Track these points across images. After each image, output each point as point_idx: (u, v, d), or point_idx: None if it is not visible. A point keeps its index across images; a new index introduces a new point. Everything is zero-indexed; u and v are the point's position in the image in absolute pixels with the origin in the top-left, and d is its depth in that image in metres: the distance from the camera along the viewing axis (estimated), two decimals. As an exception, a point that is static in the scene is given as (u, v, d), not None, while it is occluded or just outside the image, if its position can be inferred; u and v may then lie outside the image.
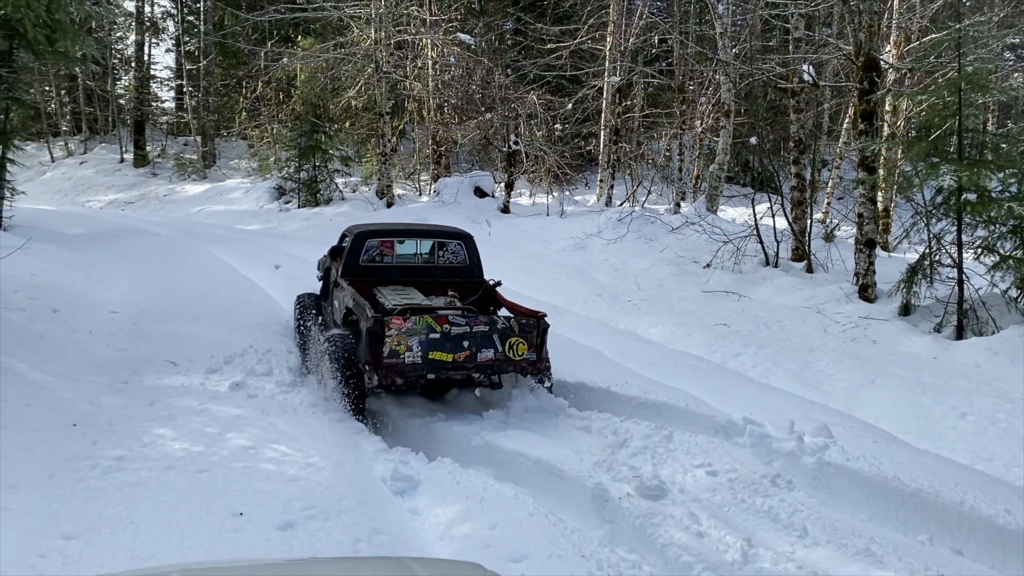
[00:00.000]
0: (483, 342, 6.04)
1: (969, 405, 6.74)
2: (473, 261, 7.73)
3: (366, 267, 7.43)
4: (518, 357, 6.13)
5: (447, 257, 7.74)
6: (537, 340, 6.21)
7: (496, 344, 6.07)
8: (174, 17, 34.61)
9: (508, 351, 6.10)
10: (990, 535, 4.33)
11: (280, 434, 5.35)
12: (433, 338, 5.91)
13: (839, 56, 14.19)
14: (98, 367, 6.95)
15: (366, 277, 7.36)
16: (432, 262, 7.71)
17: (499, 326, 6.10)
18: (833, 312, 9.83)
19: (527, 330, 6.18)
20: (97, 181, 28.88)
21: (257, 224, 20.75)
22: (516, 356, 6.12)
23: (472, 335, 6.00)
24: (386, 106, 20.78)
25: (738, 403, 6.37)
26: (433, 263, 7.70)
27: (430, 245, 7.78)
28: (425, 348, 5.90)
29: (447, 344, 5.94)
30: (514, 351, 6.12)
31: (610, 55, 19.68)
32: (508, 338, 6.10)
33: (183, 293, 9.95)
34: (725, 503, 4.75)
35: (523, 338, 6.15)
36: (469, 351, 6.00)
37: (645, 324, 9.72)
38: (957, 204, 9.01)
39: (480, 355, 6.03)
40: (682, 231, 14.21)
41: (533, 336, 6.20)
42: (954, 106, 9.32)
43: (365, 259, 7.43)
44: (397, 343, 5.84)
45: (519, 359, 6.14)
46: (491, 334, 6.07)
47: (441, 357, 5.94)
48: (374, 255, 7.51)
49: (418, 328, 5.88)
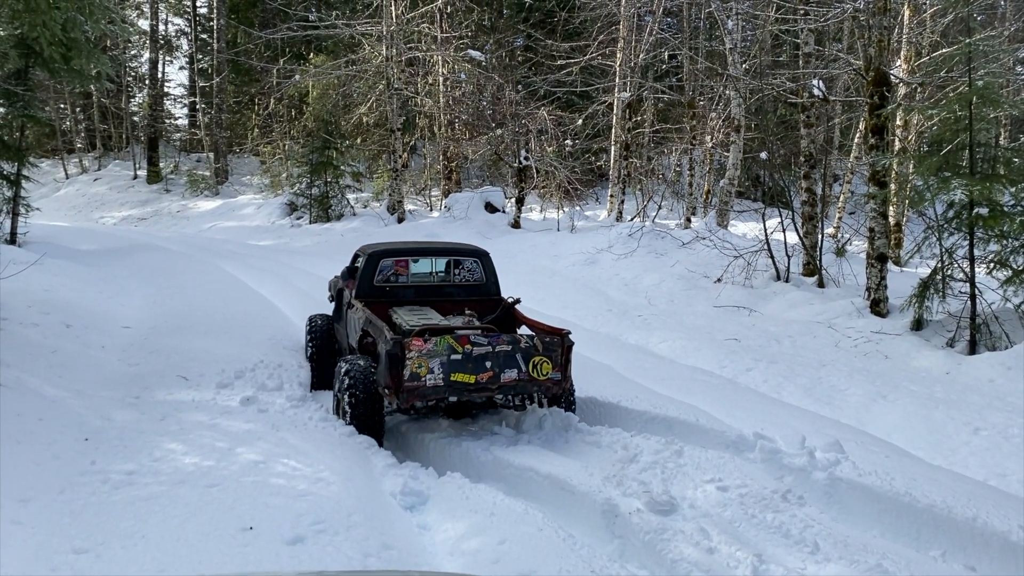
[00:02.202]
0: (506, 362, 5.88)
1: (982, 420, 6.68)
2: (490, 279, 7.61)
3: (380, 287, 7.30)
4: (542, 377, 5.98)
5: (463, 275, 7.61)
6: (562, 359, 6.04)
7: (519, 364, 5.91)
8: (188, 35, 35.00)
9: (532, 371, 5.94)
10: (1004, 551, 4.28)
11: (290, 449, 5.36)
12: (455, 359, 5.75)
13: (849, 71, 14.19)
14: (110, 382, 6.99)
15: (381, 298, 7.24)
16: (448, 280, 7.59)
17: (522, 345, 5.93)
18: (845, 327, 9.79)
19: (551, 348, 6.01)
20: (111, 197, 29.14)
21: (269, 240, 20.87)
22: (540, 376, 5.97)
23: (495, 355, 5.84)
24: (397, 122, 20.91)
25: (749, 418, 6.34)
26: (449, 281, 7.58)
27: (445, 263, 7.65)
28: (447, 370, 5.73)
29: (469, 365, 5.78)
30: (538, 371, 5.96)
31: (620, 71, 19.76)
32: (532, 357, 5.94)
33: (194, 308, 10.01)
34: (736, 519, 4.72)
35: (547, 357, 5.99)
36: (492, 372, 5.84)
37: (655, 339, 9.70)
38: (969, 218, 8.97)
39: (503, 375, 5.87)
40: (692, 246, 14.20)
41: (558, 355, 6.03)
42: (965, 120, 9.30)
43: (380, 279, 7.31)
44: (418, 365, 5.66)
45: (543, 379, 5.98)
46: (514, 353, 5.90)
47: (463, 379, 5.78)
48: (388, 275, 7.38)
49: (439, 349, 5.71)
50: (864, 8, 10.69)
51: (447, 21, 22.62)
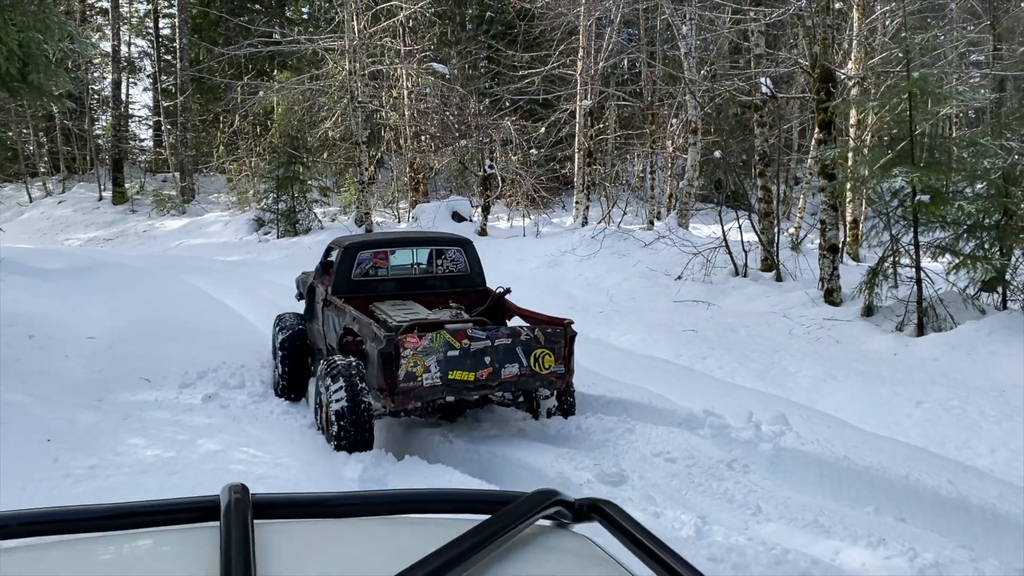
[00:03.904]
0: (506, 357, 5.51)
1: (925, 395, 6.94)
2: (474, 268, 7.29)
3: (359, 282, 6.89)
4: (545, 371, 5.62)
5: (446, 265, 7.26)
6: (565, 350, 5.70)
7: (520, 358, 5.55)
8: (151, 56, 34.93)
9: (534, 365, 5.58)
10: (934, 504, 4.51)
11: (250, 438, 5.48)
12: (452, 356, 5.38)
13: (796, 69, 14.59)
14: (73, 388, 7.05)
15: (360, 293, 6.82)
16: (431, 272, 7.24)
17: (523, 337, 5.58)
18: (799, 316, 10.06)
19: (553, 340, 5.66)
20: (76, 219, 28.93)
21: (236, 255, 20.87)
22: (543, 370, 5.61)
23: (494, 349, 5.48)
24: (362, 135, 21.05)
25: (701, 399, 6.54)
26: (432, 273, 7.23)
27: (427, 254, 7.30)
28: (444, 368, 5.37)
29: (467, 361, 5.41)
30: (540, 364, 5.60)
31: (581, 79, 20.09)
32: (533, 350, 5.58)
33: (159, 318, 10.07)
34: (682, 487, 4.92)
35: (549, 349, 5.63)
36: (492, 368, 5.48)
37: (616, 333, 9.90)
38: (913, 205, 9.31)
39: (504, 371, 5.51)
40: (654, 246, 14.46)
41: (560, 346, 5.68)
42: (906, 113, 9.66)
43: (358, 273, 6.90)
44: (413, 364, 5.29)
45: (546, 372, 5.63)
46: (515, 347, 5.54)
47: (462, 376, 5.41)
48: (367, 268, 6.99)
49: (435, 346, 5.34)
50: (807, 7, 11.04)
51: (410, 35, 22.85)
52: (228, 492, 1.24)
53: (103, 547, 1.20)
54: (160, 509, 1.28)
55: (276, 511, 1.30)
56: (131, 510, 1.26)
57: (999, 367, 7.70)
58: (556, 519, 1.42)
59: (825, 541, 4.14)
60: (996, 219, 9.47)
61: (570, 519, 1.42)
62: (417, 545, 1.12)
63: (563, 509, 1.40)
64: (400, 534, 1.28)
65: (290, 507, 1.32)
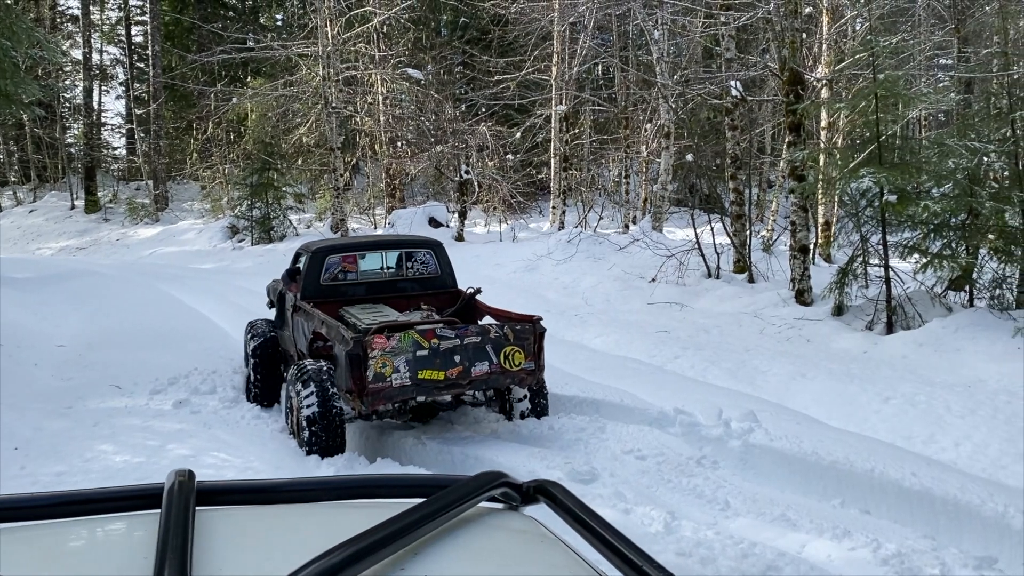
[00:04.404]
0: (476, 355, 5.52)
1: (892, 391, 7.03)
2: (445, 270, 7.27)
3: (328, 287, 6.85)
4: (515, 368, 5.63)
5: (416, 268, 7.23)
6: (535, 347, 5.73)
7: (491, 356, 5.56)
8: (123, 64, 34.64)
9: (504, 362, 5.59)
10: (898, 496, 4.58)
11: (221, 443, 5.46)
12: (421, 355, 5.36)
13: (766, 72, 14.75)
14: (42, 396, 6.98)
15: (329, 298, 6.77)
16: (401, 275, 7.20)
17: (492, 335, 5.60)
18: (770, 316, 10.17)
19: (523, 336, 5.68)
20: (47, 229, 28.60)
21: (210, 263, 20.73)
22: (513, 367, 5.62)
23: (464, 348, 5.48)
24: (337, 141, 21.01)
25: (672, 398, 6.58)
26: (402, 276, 7.20)
27: (396, 257, 7.28)
28: (414, 367, 5.35)
29: (437, 360, 5.40)
30: (511, 361, 5.61)
31: (555, 84, 20.18)
32: (503, 347, 5.59)
33: (131, 326, 9.98)
34: (653, 484, 4.96)
35: (519, 346, 5.65)
36: (462, 366, 5.47)
37: (590, 335, 9.95)
38: (880, 205, 9.45)
39: (474, 369, 5.51)
40: (629, 250, 14.54)
41: (530, 343, 5.71)
42: (874, 115, 9.81)
43: (326, 278, 6.85)
44: (382, 364, 5.26)
45: (516, 369, 5.64)
46: (484, 345, 5.55)
47: (432, 376, 5.40)
48: (336, 273, 6.94)
49: (403, 346, 5.32)
50: (776, 11, 11.19)
51: (384, 40, 22.84)
52: (173, 478, 1.25)
53: (43, 534, 1.20)
54: (103, 497, 1.28)
55: (222, 498, 1.31)
56: (73, 498, 1.26)
57: (965, 363, 7.83)
58: (505, 501, 1.44)
59: (792, 534, 4.20)
60: (962, 219, 9.65)
61: (518, 501, 1.44)
62: (362, 528, 1.13)
63: (511, 491, 1.42)
64: (346, 518, 1.29)
65: (236, 493, 1.33)
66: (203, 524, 1.17)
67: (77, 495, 1.27)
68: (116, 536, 1.24)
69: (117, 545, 1.22)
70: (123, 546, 1.19)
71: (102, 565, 1.13)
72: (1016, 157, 9.97)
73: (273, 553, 1.14)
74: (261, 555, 1.17)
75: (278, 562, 1.00)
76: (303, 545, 1.09)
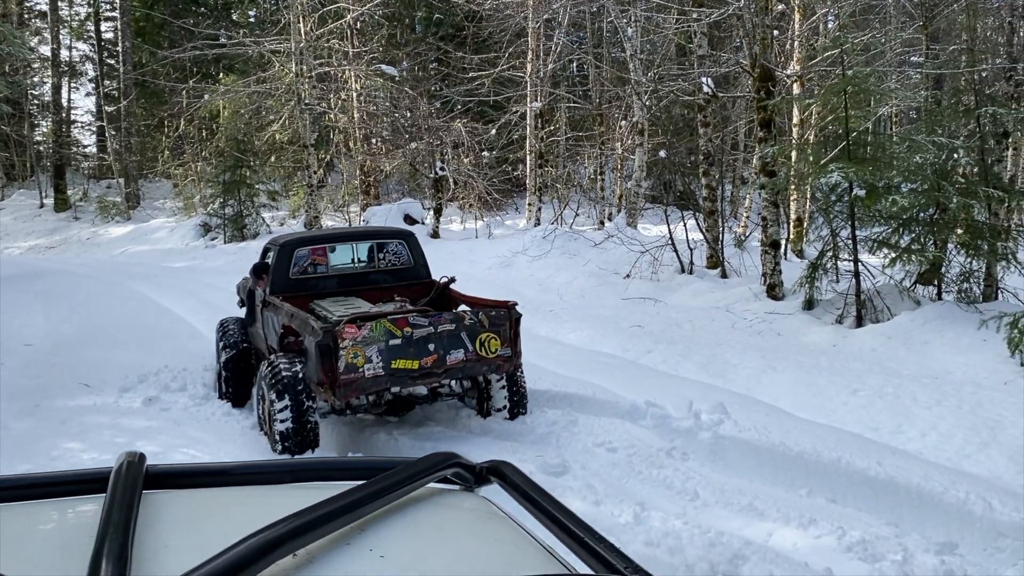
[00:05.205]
0: (451, 342, 5.40)
1: (861, 383, 7.14)
2: (418, 261, 7.16)
3: (297, 280, 6.69)
4: (491, 354, 5.53)
5: (388, 259, 7.10)
6: (511, 332, 5.64)
7: (466, 343, 5.45)
8: (92, 60, 34.18)
9: (480, 349, 5.49)
10: (864, 485, 4.65)
11: (191, 440, 5.42)
12: (394, 344, 5.22)
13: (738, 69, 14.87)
14: (9, 395, 6.87)
15: (299, 291, 6.60)
16: (372, 267, 7.08)
17: (466, 322, 5.48)
18: (742, 310, 10.26)
19: (498, 323, 5.58)
20: (15, 228, 28.15)
21: (183, 262, 20.52)
22: (489, 354, 5.52)
23: (437, 336, 5.35)
24: (310, 138, 20.88)
25: (644, 391, 6.62)
26: (374, 267, 7.07)
27: (367, 248, 7.14)
28: (386, 357, 5.21)
29: (411, 349, 5.27)
30: (486, 348, 5.51)
31: (530, 81, 20.19)
32: (478, 335, 5.49)
33: (100, 325, 9.86)
34: (623, 476, 4.99)
35: (495, 332, 5.55)
36: (436, 355, 5.35)
37: (565, 330, 9.98)
38: (850, 200, 9.56)
39: (449, 358, 5.39)
40: (604, 246, 14.60)
41: (505, 329, 5.61)
42: (843, 110, 9.93)
43: (296, 271, 6.69)
44: (353, 355, 5.11)
45: (492, 356, 5.54)
46: (458, 332, 5.43)
47: (406, 365, 5.26)
48: (305, 266, 6.79)
49: (375, 335, 5.18)
50: (747, 8, 11.27)
51: (358, 37, 22.72)
52: (122, 459, 1.25)
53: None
54: (49, 481, 1.27)
55: (170, 481, 1.30)
56: (19, 482, 1.26)
57: (932, 355, 7.96)
58: (458, 482, 1.46)
59: (759, 523, 4.24)
60: (930, 213, 9.79)
61: (471, 482, 1.46)
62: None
63: (464, 472, 1.44)
64: (298, 499, 1.30)
65: (185, 477, 1.33)
66: (150, 506, 1.16)
67: (22, 479, 1.26)
68: (59, 520, 1.23)
69: (59, 529, 1.21)
70: (65, 529, 1.19)
71: (42, 549, 1.12)
72: (982, 153, 10.15)
73: (220, 533, 1.14)
74: (207, 535, 1.17)
75: (225, 541, 1.00)
76: (252, 525, 1.09)
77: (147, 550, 1.05)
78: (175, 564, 0.98)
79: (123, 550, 0.99)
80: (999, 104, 10.78)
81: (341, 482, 1.36)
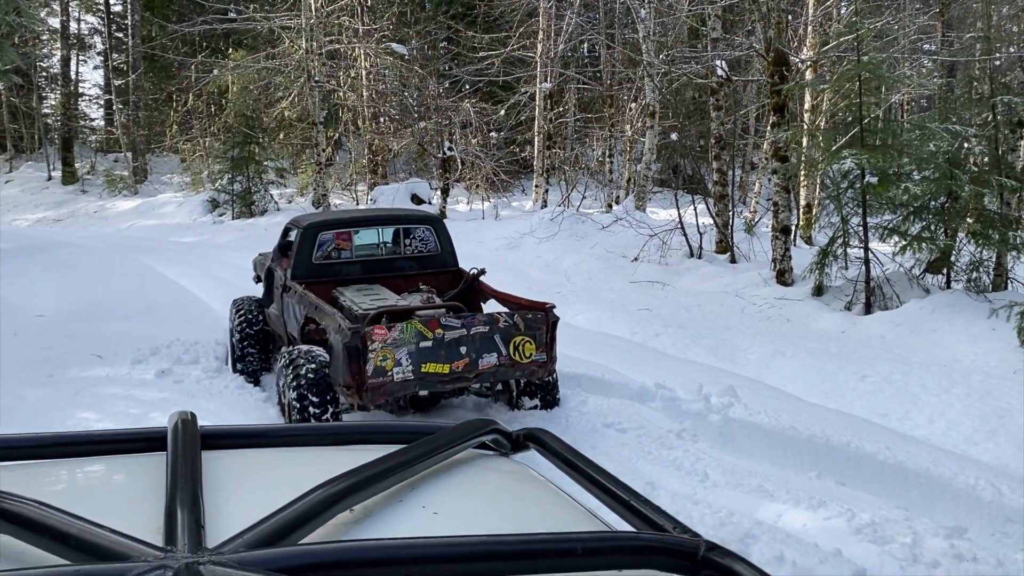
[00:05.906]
0: (484, 346, 5.13)
1: (870, 369, 7.15)
2: (445, 248, 6.82)
3: (321, 265, 6.44)
4: (526, 359, 5.24)
5: (415, 245, 6.80)
6: (547, 337, 5.33)
7: (499, 347, 5.17)
8: (101, 33, 34.06)
9: (514, 353, 5.21)
10: (872, 469, 4.69)
11: (205, 412, 5.40)
12: (425, 347, 4.97)
13: (751, 53, 14.79)
14: (22, 365, 6.93)
15: (322, 277, 6.39)
16: (398, 253, 6.79)
17: (501, 324, 5.20)
18: (751, 295, 10.27)
19: (534, 326, 5.28)
20: (24, 200, 28.20)
21: (190, 237, 20.57)
22: (523, 358, 5.23)
23: (470, 338, 5.08)
24: (319, 115, 20.83)
25: (653, 373, 6.65)
26: (399, 254, 6.79)
27: (393, 233, 6.85)
28: (416, 360, 4.96)
29: (442, 352, 5.01)
30: (520, 353, 5.22)
31: (540, 61, 20.09)
32: (512, 338, 5.20)
33: (111, 297, 9.91)
34: (632, 456, 5.03)
35: (530, 336, 5.25)
36: (468, 358, 5.08)
37: (572, 312, 9.97)
38: (861, 186, 9.54)
39: (482, 362, 5.12)
40: (612, 229, 14.59)
41: (542, 333, 5.30)
42: (856, 97, 9.88)
43: (319, 256, 6.44)
44: (382, 358, 4.87)
45: (527, 361, 5.25)
46: (492, 335, 5.15)
47: (436, 369, 5.01)
48: (329, 250, 6.54)
49: (406, 337, 4.92)
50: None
51: (368, 14, 22.61)
52: (176, 418, 1.27)
53: (55, 471, 1.23)
54: (106, 439, 1.31)
55: (222, 441, 1.33)
56: (77, 439, 1.29)
57: (941, 343, 7.96)
58: (495, 449, 1.49)
59: (769, 504, 4.28)
60: (942, 202, 9.76)
61: (508, 448, 1.49)
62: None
63: (501, 438, 1.47)
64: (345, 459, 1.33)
65: (236, 437, 1.37)
66: (208, 462, 1.19)
67: (81, 436, 1.30)
68: (126, 473, 1.26)
69: (124, 483, 1.24)
70: (130, 484, 1.22)
71: (110, 502, 1.15)
72: (996, 142, 10.11)
73: (275, 489, 1.17)
74: (263, 491, 1.20)
75: (281, 496, 1.03)
76: (304, 483, 1.12)
77: (211, 503, 1.08)
78: (240, 515, 1.01)
79: (195, 499, 1.03)
80: (1014, 93, 10.72)
81: (381, 445, 1.39)
